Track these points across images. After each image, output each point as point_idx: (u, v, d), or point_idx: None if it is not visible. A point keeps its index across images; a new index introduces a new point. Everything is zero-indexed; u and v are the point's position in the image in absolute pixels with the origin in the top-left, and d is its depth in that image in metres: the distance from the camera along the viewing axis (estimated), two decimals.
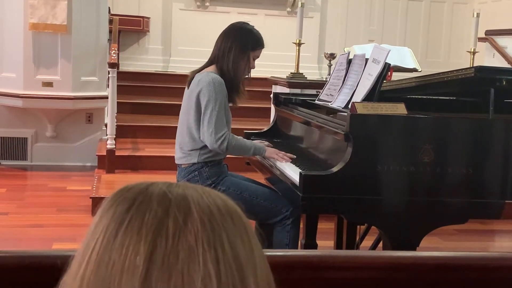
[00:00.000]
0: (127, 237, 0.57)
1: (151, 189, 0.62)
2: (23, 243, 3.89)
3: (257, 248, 0.63)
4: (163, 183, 0.64)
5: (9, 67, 5.63)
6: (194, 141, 2.89)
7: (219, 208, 0.61)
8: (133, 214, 0.59)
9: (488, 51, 7.23)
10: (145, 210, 0.59)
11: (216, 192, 0.65)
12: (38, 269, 1.15)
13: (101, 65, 5.86)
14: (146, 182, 0.65)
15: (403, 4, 9.29)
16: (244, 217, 0.63)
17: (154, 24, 8.48)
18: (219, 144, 2.80)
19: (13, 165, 5.93)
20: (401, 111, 2.48)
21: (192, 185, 0.65)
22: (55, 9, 5.42)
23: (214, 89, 2.80)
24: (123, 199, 0.62)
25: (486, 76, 2.52)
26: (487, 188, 2.48)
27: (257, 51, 2.95)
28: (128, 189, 0.63)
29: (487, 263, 1.34)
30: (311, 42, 8.13)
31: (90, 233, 0.61)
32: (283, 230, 2.82)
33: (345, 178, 2.35)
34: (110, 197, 0.64)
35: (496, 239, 4.69)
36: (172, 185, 0.63)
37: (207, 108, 2.80)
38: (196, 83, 2.86)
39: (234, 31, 2.94)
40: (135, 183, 0.65)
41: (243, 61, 2.89)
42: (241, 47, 2.88)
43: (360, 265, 1.30)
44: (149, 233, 0.57)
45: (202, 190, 0.63)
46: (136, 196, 0.61)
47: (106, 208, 0.62)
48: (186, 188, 0.63)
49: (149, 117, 6.77)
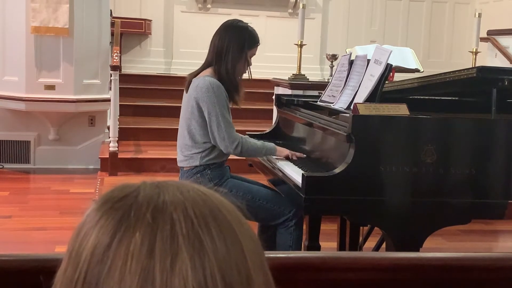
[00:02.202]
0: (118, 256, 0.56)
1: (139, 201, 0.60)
2: (26, 246, 3.89)
3: (249, 250, 0.59)
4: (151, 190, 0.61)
5: (11, 70, 5.64)
6: (195, 144, 2.88)
7: (200, 214, 0.58)
8: (123, 233, 0.57)
9: (490, 51, 7.22)
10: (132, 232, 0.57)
11: (198, 190, 0.61)
12: (41, 272, 1.15)
13: (103, 67, 5.87)
14: (132, 187, 0.62)
15: (405, 5, 9.28)
16: (230, 214, 0.59)
17: (156, 27, 8.49)
18: (234, 147, 2.80)
19: (16, 168, 5.93)
20: (403, 111, 2.48)
21: (172, 184, 0.61)
22: (57, 12, 5.43)
23: (214, 94, 2.78)
24: (113, 210, 0.60)
25: (488, 76, 2.51)
26: (490, 188, 2.48)
27: (254, 49, 2.91)
28: (117, 199, 0.61)
29: (491, 263, 1.34)
30: (313, 43, 8.13)
31: (77, 241, 0.59)
32: (286, 232, 2.82)
33: (348, 179, 2.35)
34: (98, 205, 0.61)
35: (499, 239, 4.69)
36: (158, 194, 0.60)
37: (211, 115, 2.78)
38: (194, 89, 2.84)
39: (229, 31, 2.88)
40: (122, 188, 0.63)
41: (241, 61, 2.86)
42: (238, 47, 2.84)
43: (363, 266, 1.30)
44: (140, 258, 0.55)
45: (183, 192, 0.60)
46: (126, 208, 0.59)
47: (95, 219, 0.60)
48: (167, 193, 0.60)
49: (152, 119, 6.78)
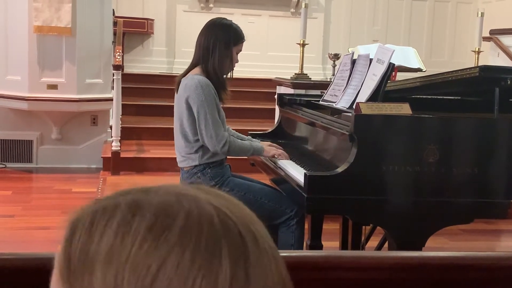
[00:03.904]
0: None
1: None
2: (28, 245, 3.89)
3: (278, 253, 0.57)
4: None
5: (14, 70, 5.64)
6: (189, 144, 2.89)
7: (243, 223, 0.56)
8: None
9: (493, 51, 7.20)
10: None
11: (225, 196, 0.59)
12: (43, 272, 1.14)
13: (106, 67, 5.87)
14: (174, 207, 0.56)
15: (407, 4, 9.27)
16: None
17: (158, 26, 8.50)
18: (221, 146, 2.81)
19: (18, 168, 5.94)
20: (405, 111, 2.48)
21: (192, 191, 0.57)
22: (60, 11, 5.43)
23: (202, 92, 2.79)
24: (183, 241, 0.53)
25: (491, 76, 2.51)
26: (492, 188, 2.48)
27: (240, 45, 2.94)
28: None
29: (493, 262, 1.34)
30: (315, 42, 8.12)
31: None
32: (288, 230, 2.82)
33: (350, 179, 2.35)
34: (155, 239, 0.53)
35: (502, 239, 4.68)
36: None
37: (200, 113, 2.80)
38: (183, 88, 2.85)
39: (214, 29, 2.90)
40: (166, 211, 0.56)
41: (227, 58, 2.89)
42: (224, 44, 2.86)
43: (366, 266, 1.30)
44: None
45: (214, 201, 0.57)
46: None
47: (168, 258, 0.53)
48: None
49: (154, 118, 6.78)
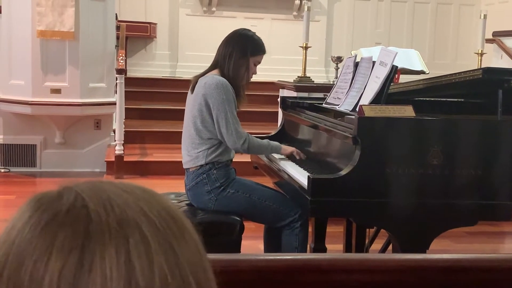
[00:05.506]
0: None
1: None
2: None
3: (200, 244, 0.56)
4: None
5: (17, 74, 5.66)
6: (202, 141, 2.90)
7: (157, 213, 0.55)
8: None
9: (496, 52, 7.19)
10: None
11: (137, 188, 0.57)
12: None
13: (109, 71, 5.88)
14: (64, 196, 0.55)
15: (410, 6, 9.27)
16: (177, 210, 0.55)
17: (161, 30, 8.51)
18: (242, 143, 2.83)
19: (22, 172, 5.95)
20: (409, 113, 2.48)
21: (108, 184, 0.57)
22: (63, 16, 5.45)
23: (223, 91, 2.82)
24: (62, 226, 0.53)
25: (494, 78, 2.51)
26: (496, 190, 2.47)
27: (258, 57, 2.97)
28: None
29: (498, 265, 1.33)
30: (317, 45, 8.13)
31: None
32: (291, 233, 2.82)
33: (354, 181, 2.35)
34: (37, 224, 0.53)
35: (506, 241, 4.67)
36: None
37: (220, 111, 2.82)
38: (203, 85, 2.88)
39: (235, 38, 2.97)
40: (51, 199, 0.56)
41: (243, 67, 2.92)
42: (241, 52, 2.91)
43: (370, 268, 1.30)
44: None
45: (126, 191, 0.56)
46: None
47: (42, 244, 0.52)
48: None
49: (157, 122, 6.79)
